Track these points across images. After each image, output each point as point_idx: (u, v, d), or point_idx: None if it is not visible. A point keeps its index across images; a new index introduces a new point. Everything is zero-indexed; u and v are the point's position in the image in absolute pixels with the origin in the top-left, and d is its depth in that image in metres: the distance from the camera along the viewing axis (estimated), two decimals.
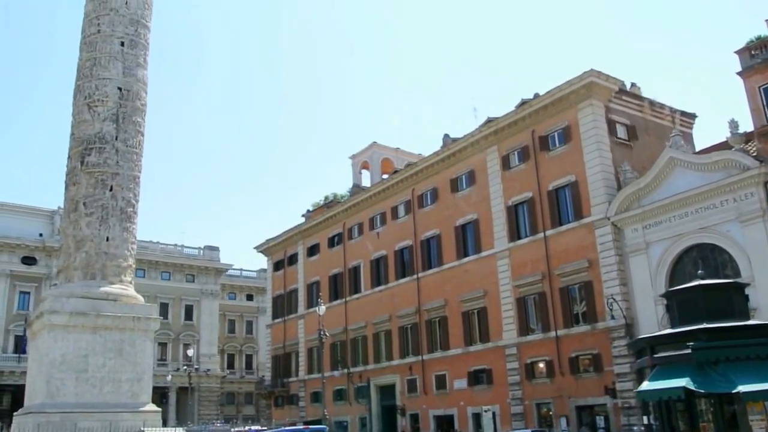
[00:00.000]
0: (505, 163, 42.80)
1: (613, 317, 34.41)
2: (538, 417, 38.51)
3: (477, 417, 41.80)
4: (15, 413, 29.61)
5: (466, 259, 44.40)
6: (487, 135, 43.78)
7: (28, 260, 70.47)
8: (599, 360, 35.73)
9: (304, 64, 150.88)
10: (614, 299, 34.27)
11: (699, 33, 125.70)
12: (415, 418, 46.45)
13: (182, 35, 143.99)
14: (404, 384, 47.51)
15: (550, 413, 37.92)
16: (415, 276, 47.96)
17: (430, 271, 46.92)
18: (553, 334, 38.07)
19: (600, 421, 35.62)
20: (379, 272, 51.68)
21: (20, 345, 64.38)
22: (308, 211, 62.75)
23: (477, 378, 42.35)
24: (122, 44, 31.24)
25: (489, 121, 44.14)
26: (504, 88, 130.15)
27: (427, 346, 46.15)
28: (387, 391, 49.63)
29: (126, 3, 31.70)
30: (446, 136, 48.09)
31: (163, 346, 75.11)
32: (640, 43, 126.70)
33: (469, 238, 44.72)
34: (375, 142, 60.83)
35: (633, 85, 41.89)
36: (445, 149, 46.79)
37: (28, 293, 69.60)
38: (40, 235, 71.28)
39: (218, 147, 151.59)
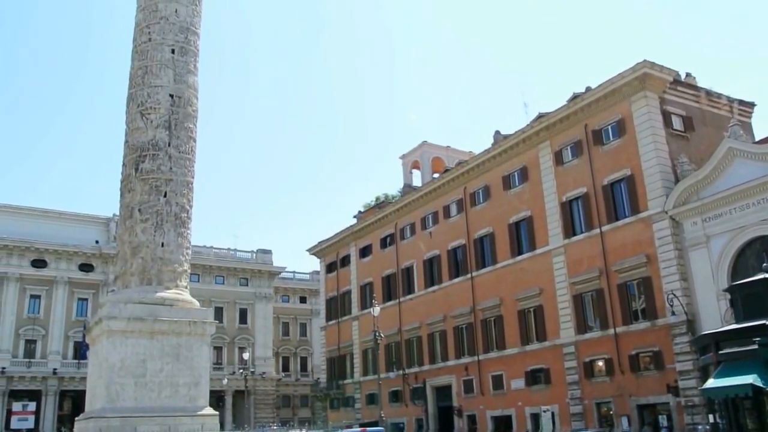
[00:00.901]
0: (558, 158, 41.94)
1: (673, 313, 33.46)
2: (599, 416, 37.66)
3: (535, 417, 41.05)
4: (77, 418, 30.08)
5: (520, 257, 43.66)
6: (539, 130, 42.98)
7: (86, 267, 72.28)
8: (660, 357, 34.76)
9: (352, 64, 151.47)
10: (674, 295, 33.33)
11: (756, 19, 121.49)
12: (472, 419, 45.86)
13: (230, 40, 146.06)
14: (460, 385, 46.96)
15: (611, 412, 37.03)
16: (468, 275, 47.36)
17: (484, 270, 46.28)
18: (611, 331, 37.16)
19: (663, 420, 34.71)
20: (432, 272, 51.23)
21: (79, 351, 66.03)
22: (359, 212, 62.72)
23: (534, 377, 41.58)
24: (173, 52, 31.44)
25: (540, 116, 43.33)
26: (555, 83, 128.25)
27: (482, 346, 45.54)
28: (443, 392, 49.14)
29: (176, 11, 31.91)
30: (497, 132, 47.39)
31: (218, 350, 76.09)
32: (694, 32, 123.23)
33: (523, 236, 43.99)
34: (425, 141, 60.39)
35: (688, 75, 40.68)
36: (496, 146, 46.11)
37: (86, 300, 71.38)
38: (97, 242, 73.02)
39: (269, 150, 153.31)
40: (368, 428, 40.24)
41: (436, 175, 56.40)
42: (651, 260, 35.84)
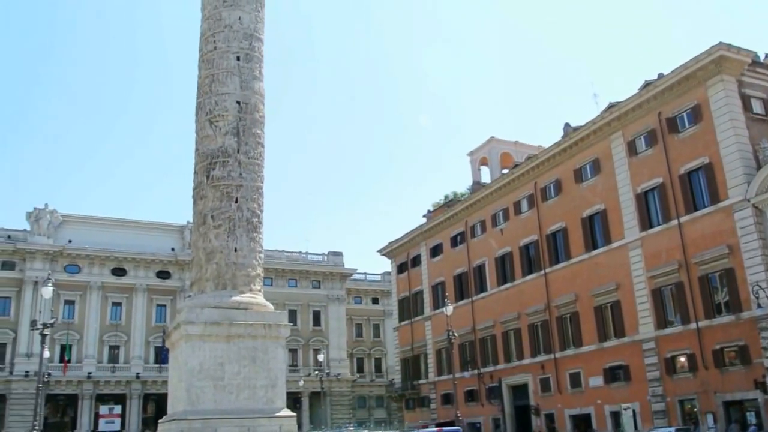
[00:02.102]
0: (632, 148, 40.64)
1: (759, 306, 31.98)
2: (682, 414, 36.31)
3: (615, 415, 39.90)
4: (160, 420, 30.92)
5: (595, 252, 42.53)
6: (610, 121, 41.76)
7: (163, 274, 74.51)
8: (746, 352, 33.25)
9: (414, 61, 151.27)
10: (760, 287, 31.80)
11: None
12: (550, 418, 44.94)
13: (293, 43, 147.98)
14: (537, 383, 46.09)
15: (695, 410, 35.64)
16: (542, 271, 46.45)
17: (558, 266, 45.29)
18: (693, 325, 35.76)
19: (751, 417, 33.18)
20: (504, 269, 50.49)
21: (160, 355, 68.17)
22: (429, 211, 62.45)
23: (613, 375, 40.41)
24: (238, 59, 31.91)
25: (611, 106, 42.12)
26: (624, 72, 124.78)
27: (558, 344, 44.58)
28: (519, 390, 48.35)
29: (239, 18, 32.37)
30: (567, 125, 46.33)
31: (293, 352, 77.13)
32: None
33: (597, 230, 42.84)
34: (493, 137, 59.60)
35: (767, 56, 38.75)
36: (566, 138, 45.06)
37: (165, 306, 73.60)
38: (173, 249, 75.14)
39: (336, 152, 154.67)
40: (444, 428, 39.95)
41: (505, 171, 55.56)
42: (733, 251, 34.33)
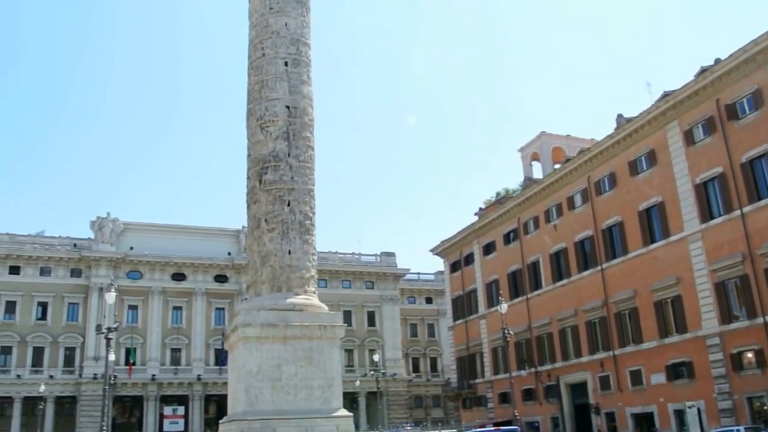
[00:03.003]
0: (689, 138, 39.49)
1: None
2: (751, 412, 34.98)
3: (679, 414, 38.79)
4: (220, 421, 31.55)
5: (653, 245, 41.46)
6: (666, 110, 40.67)
7: (220, 278, 76.11)
8: None
9: (461, 57, 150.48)
10: None
11: None
12: (610, 416, 44.04)
13: (339, 44, 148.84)
14: (596, 381, 45.24)
15: (765, 408, 34.31)
16: (598, 267, 45.56)
17: (615, 261, 44.35)
18: (761, 320, 34.46)
19: None
20: (559, 266, 49.73)
21: (220, 357, 69.63)
22: (480, 209, 62.00)
23: (676, 372, 39.29)
24: (286, 64, 32.33)
25: (666, 95, 41.02)
26: (678, 58, 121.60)
27: (617, 340, 43.64)
28: (578, 389, 47.56)
29: (285, 24, 32.78)
30: (620, 116, 45.36)
31: (349, 352, 77.64)
32: None
33: (655, 223, 41.74)
34: (543, 132, 58.80)
35: None
36: (619, 130, 44.11)
37: (223, 309, 75.18)
38: (229, 254, 76.67)
39: (386, 153, 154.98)
40: (502, 427, 39.61)
41: (557, 166, 54.74)
42: None
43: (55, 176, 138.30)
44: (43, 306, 70.51)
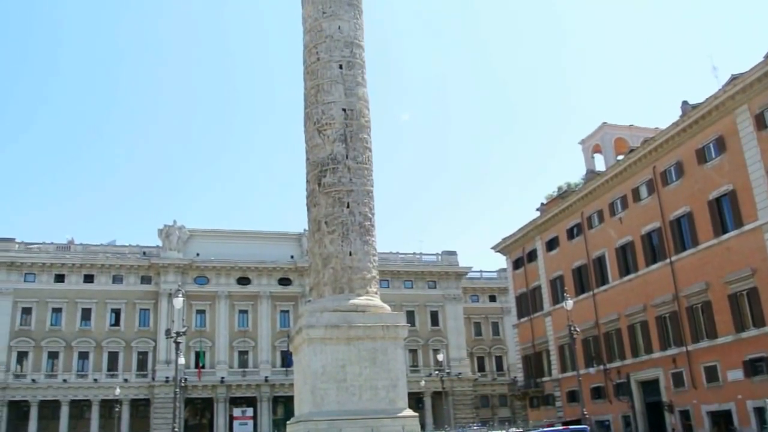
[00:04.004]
0: (760, 122, 37.85)
1: None
2: None
3: (759, 411, 37.11)
4: (288, 422, 31.95)
5: (725, 236, 39.89)
6: (734, 94, 39.08)
7: (284, 281, 77.23)
8: None
9: (519, 50, 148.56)
10: None
11: None
12: (685, 414, 42.60)
13: (393, 43, 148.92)
14: (668, 378, 43.86)
15: None
16: (667, 260, 44.14)
17: (685, 253, 42.86)
18: None
19: None
20: (626, 260, 48.42)
21: (286, 359, 70.62)
22: (542, 204, 60.99)
23: (755, 367, 37.66)
24: (340, 67, 32.56)
25: (734, 78, 39.43)
26: (745, 40, 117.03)
27: (690, 335, 42.18)
28: (650, 386, 46.21)
29: (339, 28, 33.02)
30: (685, 103, 43.87)
31: (413, 352, 77.56)
32: None
33: (726, 212, 40.14)
34: (605, 123, 57.37)
35: None
36: (685, 117, 42.62)
37: (288, 312, 76.26)
38: (292, 257, 77.72)
39: (443, 152, 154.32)
40: (571, 426, 38.81)
41: (620, 157, 53.31)
42: None
43: (123, 187, 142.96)
44: (116, 312, 72.94)
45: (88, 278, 72.96)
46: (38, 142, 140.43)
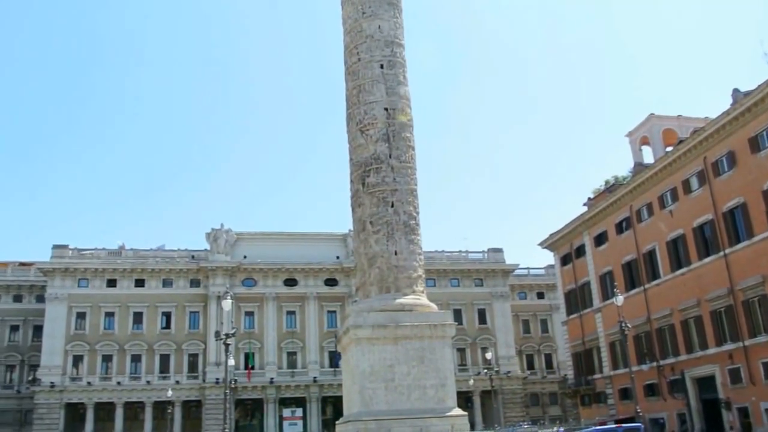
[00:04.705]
0: None
1: None
2: None
3: None
4: (337, 422, 32.00)
5: None
6: None
7: (331, 282, 77.57)
8: None
9: (563, 43, 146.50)
10: None
11: None
12: (743, 412, 41.39)
13: (431, 40, 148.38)
14: (725, 374, 42.66)
15: None
16: (721, 253, 42.93)
17: (740, 246, 41.62)
18: None
19: None
20: (678, 253, 47.27)
21: (334, 360, 71.00)
22: (589, 198, 60.04)
23: None
24: (381, 66, 32.43)
25: None
26: None
27: (747, 330, 40.95)
28: (705, 383, 45.03)
29: (379, 27, 32.89)
30: (736, 90, 42.63)
31: (461, 351, 77.14)
32: None
33: None
34: (652, 114, 56.17)
35: None
36: (736, 105, 41.39)
37: (334, 312, 76.61)
38: (337, 257, 78.02)
39: (487, 147, 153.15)
40: (625, 425, 38.00)
41: (668, 149, 52.13)
42: None
43: (172, 192, 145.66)
44: (167, 315, 74.29)
45: (139, 282, 74.48)
46: (89, 149, 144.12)
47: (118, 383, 70.82)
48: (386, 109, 31.84)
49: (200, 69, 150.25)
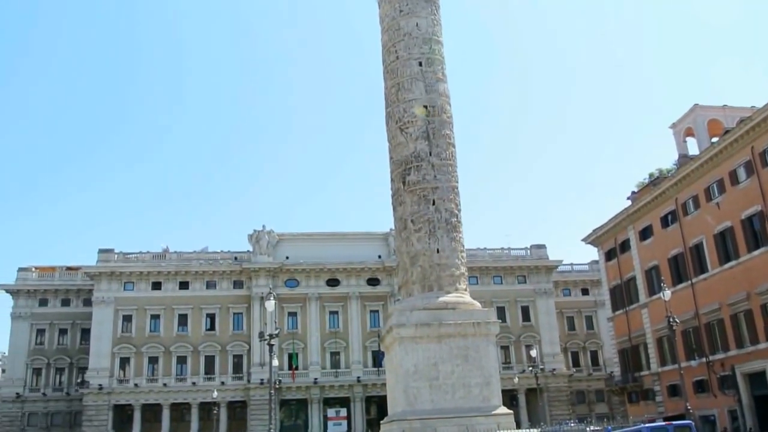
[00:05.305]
0: None
1: None
2: None
3: None
4: (381, 421, 31.99)
5: None
6: None
7: (373, 281, 77.61)
8: None
9: (604, 34, 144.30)
10: None
11: None
12: None
13: (470, 34, 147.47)
14: None
15: None
16: None
17: None
18: None
19: None
20: (726, 246, 46.11)
21: (377, 359, 71.07)
22: (633, 192, 58.99)
23: None
24: (420, 64, 32.41)
25: None
26: None
27: None
28: (757, 379, 43.83)
29: (416, 25, 32.87)
30: None
31: (505, 349, 76.50)
32: None
33: None
34: (697, 104, 54.93)
35: None
36: None
37: (377, 311, 76.59)
38: (379, 257, 77.97)
39: (527, 142, 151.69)
40: (675, 422, 37.22)
41: (714, 140, 50.91)
42: None
43: (214, 195, 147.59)
44: (211, 317, 75.15)
45: (184, 285, 75.49)
46: (133, 154, 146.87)
47: (164, 385, 71.84)
48: (425, 107, 31.79)
49: (240, 72, 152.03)
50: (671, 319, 37.21)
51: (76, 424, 72.95)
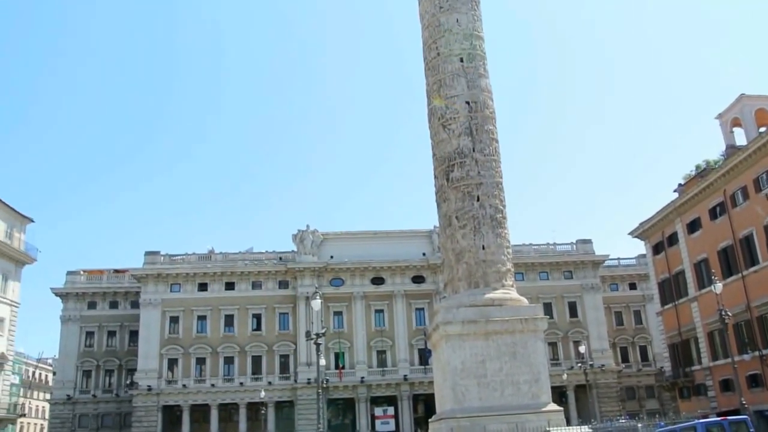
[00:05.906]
0: None
1: None
2: None
3: None
4: (430, 420, 31.95)
5: None
6: None
7: (418, 279, 77.55)
8: None
9: (648, 24, 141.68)
10: None
11: None
12: None
13: (509, 32, 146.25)
14: None
15: None
16: None
17: None
18: None
19: None
20: None
21: (423, 357, 71.04)
22: (680, 184, 57.83)
23: None
24: (461, 60, 32.26)
25: None
26: None
27: None
28: None
29: (457, 21, 32.72)
30: None
31: (553, 345, 75.73)
32: None
33: None
34: (743, 94, 53.60)
35: None
36: None
37: (422, 309, 76.51)
38: (424, 254, 77.88)
39: (572, 136, 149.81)
40: (730, 417, 36.44)
41: (762, 129, 49.60)
42: None
43: (258, 195, 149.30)
44: (257, 317, 76.00)
45: (229, 285, 76.47)
46: (177, 157, 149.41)
47: (212, 385, 72.82)
48: (468, 103, 31.66)
49: (283, 73, 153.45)
50: (723, 313, 36.41)
51: (126, 426, 74.40)
